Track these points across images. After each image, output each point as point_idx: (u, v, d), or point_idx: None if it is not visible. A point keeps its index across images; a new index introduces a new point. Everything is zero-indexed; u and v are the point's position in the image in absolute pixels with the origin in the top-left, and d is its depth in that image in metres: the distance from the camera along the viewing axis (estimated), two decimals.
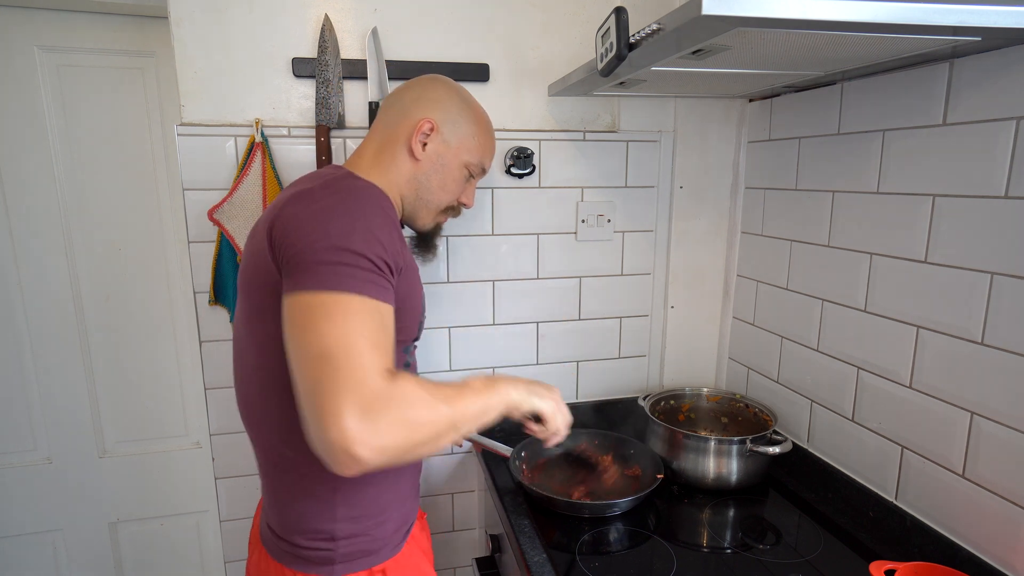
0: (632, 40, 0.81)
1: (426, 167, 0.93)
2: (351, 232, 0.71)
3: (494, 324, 1.42)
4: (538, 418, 0.92)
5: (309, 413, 0.65)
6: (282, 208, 0.76)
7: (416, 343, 0.99)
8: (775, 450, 1.17)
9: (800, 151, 1.26)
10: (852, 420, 1.16)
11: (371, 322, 0.69)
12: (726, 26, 0.69)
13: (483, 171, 1.01)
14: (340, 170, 0.88)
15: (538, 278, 1.42)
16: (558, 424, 0.93)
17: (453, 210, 1.03)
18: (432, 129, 0.92)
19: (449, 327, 1.39)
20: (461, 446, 1.43)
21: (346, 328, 0.66)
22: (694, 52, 0.81)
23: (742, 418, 1.37)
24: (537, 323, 1.45)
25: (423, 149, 0.92)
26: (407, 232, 1.10)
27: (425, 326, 1.37)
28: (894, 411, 1.06)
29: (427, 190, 0.95)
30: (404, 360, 0.93)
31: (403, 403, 0.67)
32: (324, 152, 1.21)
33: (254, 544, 0.94)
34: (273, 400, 0.81)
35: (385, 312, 0.72)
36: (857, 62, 0.94)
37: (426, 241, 1.10)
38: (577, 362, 1.50)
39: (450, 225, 1.34)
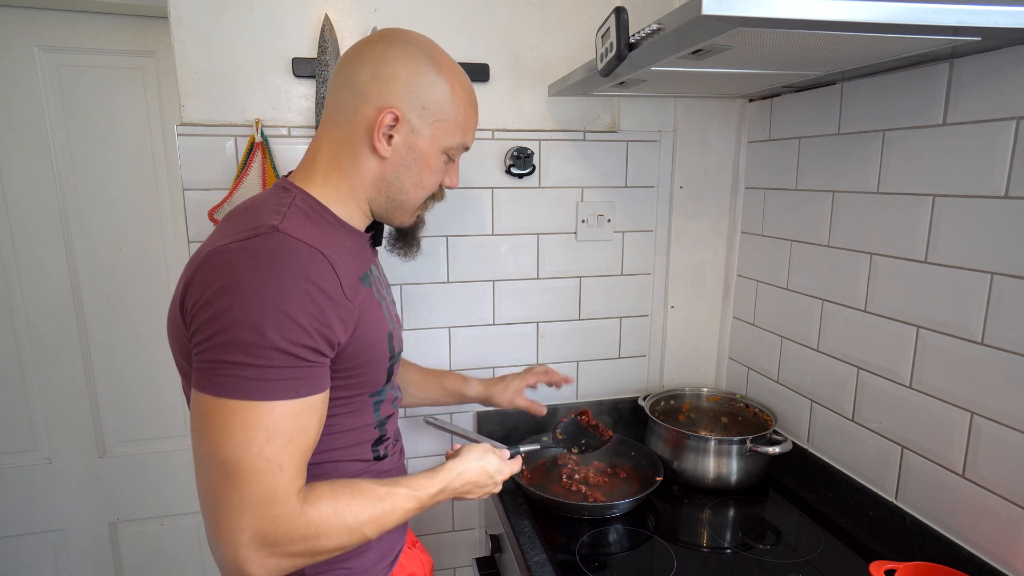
0: (632, 40, 0.81)
1: (395, 164, 0.78)
2: (262, 319, 0.62)
3: (494, 324, 1.42)
4: None
5: (207, 521, 0.63)
6: (196, 270, 0.66)
7: (390, 384, 0.87)
8: (775, 450, 1.17)
9: (800, 151, 1.26)
10: (852, 420, 1.16)
11: (279, 435, 0.63)
12: (726, 26, 0.69)
13: (465, 148, 0.84)
14: (280, 205, 0.72)
15: (538, 278, 1.42)
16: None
17: (435, 196, 0.87)
18: (397, 120, 0.75)
19: (449, 327, 1.39)
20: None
21: (248, 446, 0.61)
22: (694, 52, 0.81)
23: (742, 418, 1.37)
24: (537, 323, 1.45)
25: (388, 144, 0.76)
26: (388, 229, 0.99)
27: (425, 326, 1.37)
28: (894, 411, 1.06)
29: (399, 190, 0.80)
30: (375, 400, 0.83)
31: (307, 535, 0.65)
32: None
33: None
34: None
35: (301, 411, 0.65)
36: (857, 62, 0.94)
37: (406, 237, 0.97)
38: (577, 362, 1.50)
39: (450, 225, 1.34)
